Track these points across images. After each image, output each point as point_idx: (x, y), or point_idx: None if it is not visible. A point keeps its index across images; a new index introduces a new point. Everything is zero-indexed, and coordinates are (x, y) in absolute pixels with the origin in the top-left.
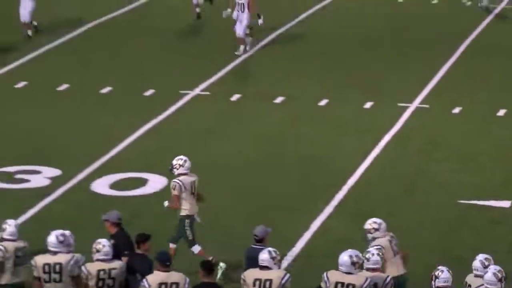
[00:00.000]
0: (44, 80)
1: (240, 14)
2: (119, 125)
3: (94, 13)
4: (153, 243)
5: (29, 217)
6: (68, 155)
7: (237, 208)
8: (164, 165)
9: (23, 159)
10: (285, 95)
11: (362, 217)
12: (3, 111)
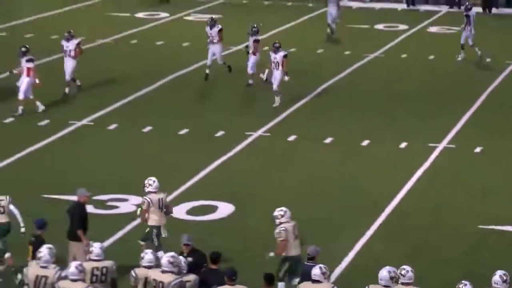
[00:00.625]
0: (131, 123)
1: (275, 71)
2: (194, 160)
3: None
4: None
5: (118, 238)
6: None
7: None
8: (231, 195)
9: (114, 189)
10: (333, 136)
11: (398, 239)
12: (98, 149)
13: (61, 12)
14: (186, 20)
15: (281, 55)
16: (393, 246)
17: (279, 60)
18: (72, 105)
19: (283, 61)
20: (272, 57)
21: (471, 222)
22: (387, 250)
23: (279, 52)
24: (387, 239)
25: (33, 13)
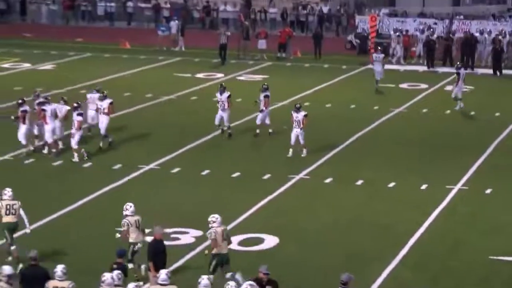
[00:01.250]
0: (191, 167)
1: (297, 128)
2: (244, 199)
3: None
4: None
5: (180, 265)
6: (207, 220)
7: (326, 259)
8: (276, 229)
9: (176, 223)
10: (364, 179)
11: (420, 267)
12: (164, 189)
13: (135, 72)
14: (239, 80)
15: (302, 115)
16: (416, 273)
17: (300, 119)
18: (141, 152)
19: (304, 120)
20: (294, 116)
21: (483, 253)
22: (411, 276)
23: (300, 112)
24: (411, 267)
25: (112, 72)
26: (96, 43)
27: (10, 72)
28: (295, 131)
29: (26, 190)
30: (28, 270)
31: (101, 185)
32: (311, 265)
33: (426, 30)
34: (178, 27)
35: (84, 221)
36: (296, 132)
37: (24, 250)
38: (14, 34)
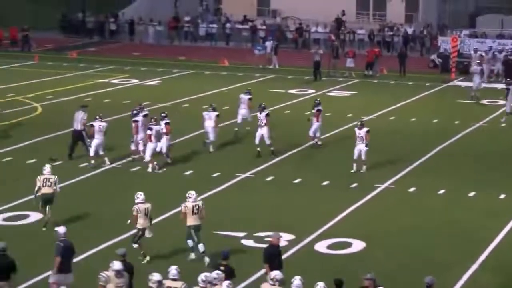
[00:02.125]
0: (286, 175)
1: (360, 144)
2: (334, 206)
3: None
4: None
5: None
6: (299, 225)
7: (411, 262)
8: (363, 234)
9: (269, 227)
10: (445, 188)
11: (499, 272)
12: (259, 196)
13: (233, 87)
14: (328, 95)
15: (365, 131)
16: (495, 278)
17: (363, 135)
18: (238, 161)
19: (366, 135)
20: (357, 133)
21: None
22: (490, 281)
23: (363, 128)
24: (490, 272)
25: (212, 88)
26: (198, 61)
27: (119, 87)
28: (358, 147)
29: (128, 194)
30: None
31: (200, 191)
32: (396, 268)
33: (504, 51)
34: (272, 46)
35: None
36: (359, 148)
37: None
38: (124, 53)
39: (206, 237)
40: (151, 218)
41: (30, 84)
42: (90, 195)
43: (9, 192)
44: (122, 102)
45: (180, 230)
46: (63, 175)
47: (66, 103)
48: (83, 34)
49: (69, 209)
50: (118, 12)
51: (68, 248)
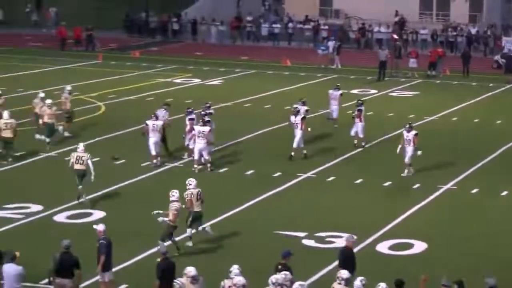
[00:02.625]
0: (347, 175)
1: (408, 147)
2: (394, 207)
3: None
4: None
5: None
6: (361, 225)
7: (473, 263)
8: (425, 235)
9: (330, 227)
10: (508, 190)
11: None
12: (319, 196)
13: (295, 87)
14: (391, 96)
15: (413, 134)
16: None
17: (411, 138)
18: (299, 162)
19: (414, 139)
20: (405, 135)
21: None
22: None
23: (411, 131)
24: None
25: (275, 88)
26: (260, 60)
27: (182, 86)
28: (406, 150)
29: None
30: (163, 263)
31: (261, 191)
32: (458, 269)
33: None
34: (334, 46)
35: (246, 223)
36: (407, 151)
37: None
38: (186, 52)
39: (267, 237)
40: (203, 201)
41: (94, 83)
42: (151, 193)
43: (72, 190)
44: (185, 102)
45: (244, 228)
46: (125, 174)
47: (128, 102)
48: (146, 33)
49: (129, 207)
50: (181, 12)
51: (110, 245)
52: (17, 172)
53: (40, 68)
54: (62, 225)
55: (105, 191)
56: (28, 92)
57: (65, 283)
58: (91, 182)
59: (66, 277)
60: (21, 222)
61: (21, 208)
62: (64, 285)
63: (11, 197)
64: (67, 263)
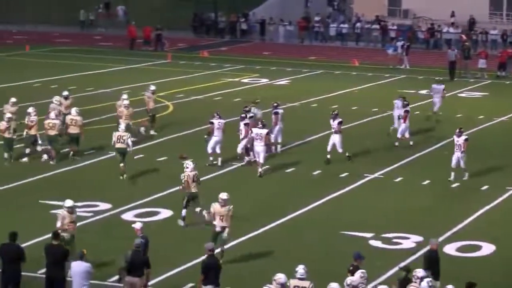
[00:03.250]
0: (413, 176)
1: (457, 152)
2: (462, 208)
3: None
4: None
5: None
6: (428, 226)
7: None
8: (493, 237)
9: (398, 228)
10: None
11: None
12: (386, 197)
13: (362, 88)
14: (459, 96)
15: (463, 139)
16: None
17: (461, 143)
18: (367, 161)
19: (464, 144)
20: (456, 140)
21: None
22: None
23: (461, 136)
24: None
25: (341, 88)
26: (328, 60)
27: (249, 86)
28: (456, 154)
29: (260, 193)
30: (208, 259)
31: (328, 191)
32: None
33: None
34: (403, 46)
35: (312, 223)
36: (457, 156)
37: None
38: (254, 52)
39: (333, 237)
40: (199, 183)
41: (163, 83)
42: (217, 193)
43: (140, 189)
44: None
45: (310, 229)
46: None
47: (196, 102)
48: (215, 33)
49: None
50: (249, 12)
51: (147, 244)
52: (87, 170)
53: (109, 68)
54: (130, 223)
55: (172, 190)
56: (98, 91)
57: (135, 281)
58: (160, 182)
59: (136, 275)
60: (89, 220)
61: (90, 206)
62: (134, 283)
63: (80, 195)
64: (138, 262)
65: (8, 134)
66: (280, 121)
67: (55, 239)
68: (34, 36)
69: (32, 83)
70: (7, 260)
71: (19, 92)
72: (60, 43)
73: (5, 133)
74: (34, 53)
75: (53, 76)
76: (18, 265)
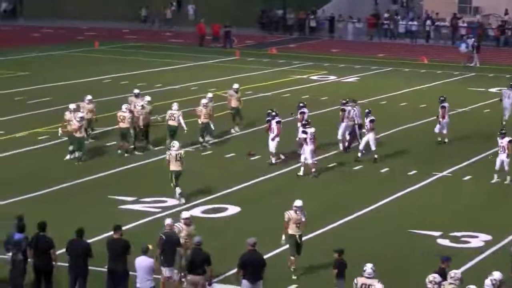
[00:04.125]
0: (481, 175)
1: (501, 154)
2: None
3: None
4: None
5: (468, 267)
6: (497, 225)
7: None
8: None
9: (466, 227)
10: None
11: None
12: (455, 195)
13: (431, 85)
14: (491, 92)
15: (507, 141)
16: None
17: (505, 145)
18: (436, 159)
19: (508, 146)
20: (499, 142)
21: None
22: None
23: (505, 138)
24: None
25: (410, 86)
26: (397, 58)
27: (318, 83)
28: (500, 157)
29: (326, 191)
30: (247, 256)
31: (396, 189)
32: None
33: None
34: (473, 44)
35: (380, 221)
36: (501, 159)
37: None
38: (323, 49)
39: (401, 235)
40: (182, 162)
41: (231, 79)
42: (284, 190)
43: (208, 185)
44: (320, 99)
45: (378, 227)
46: (260, 170)
47: (265, 98)
48: (283, 30)
49: (263, 203)
50: (318, 9)
51: (170, 241)
52: (155, 166)
53: (178, 64)
54: (197, 219)
55: (240, 186)
56: (166, 88)
57: (197, 279)
58: (227, 178)
59: (198, 273)
60: (157, 216)
61: (158, 202)
62: (196, 281)
63: (149, 191)
64: (199, 260)
65: (80, 133)
66: (347, 118)
67: (116, 233)
68: (104, 32)
69: (102, 79)
70: (75, 255)
71: (90, 88)
72: (129, 40)
73: (77, 132)
74: (103, 49)
75: (123, 73)
76: (85, 260)
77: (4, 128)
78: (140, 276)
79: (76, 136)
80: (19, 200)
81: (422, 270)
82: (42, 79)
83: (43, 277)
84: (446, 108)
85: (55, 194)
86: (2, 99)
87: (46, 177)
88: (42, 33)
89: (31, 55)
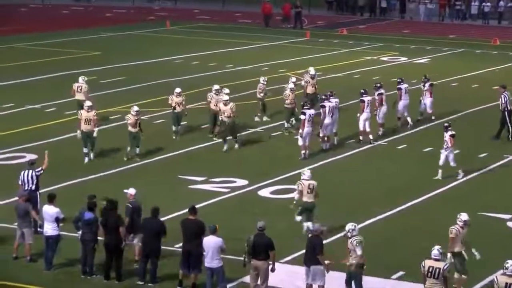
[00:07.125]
0: None
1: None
2: None
3: None
4: None
5: None
6: None
7: None
8: None
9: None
10: None
11: None
12: None
13: (502, 67)
14: None
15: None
16: None
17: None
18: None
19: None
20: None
21: None
22: None
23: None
24: None
25: (482, 67)
26: (469, 39)
27: (388, 64)
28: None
29: (397, 173)
30: (314, 239)
31: (467, 171)
32: None
33: None
34: None
35: (449, 204)
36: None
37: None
38: (393, 30)
39: (471, 218)
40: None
41: (301, 60)
42: (353, 171)
43: (277, 166)
44: (391, 80)
45: (446, 210)
46: (335, 151)
47: (335, 79)
48: (354, 11)
49: (330, 184)
50: None
51: (137, 209)
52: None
53: (248, 45)
54: (266, 200)
55: (308, 167)
56: (237, 68)
57: (259, 264)
58: (296, 159)
59: (261, 258)
60: (226, 196)
61: (227, 182)
62: (258, 266)
63: (219, 171)
64: (261, 244)
65: (134, 128)
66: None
67: (192, 213)
68: (175, 12)
69: (173, 59)
70: (149, 234)
71: (162, 69)
72: (200, 20)
73: (133, 127)
74: (175, 29)
75: (194, 53)
76: (158, 239)
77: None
78: (209, 256)
79: (131, 131)
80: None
81: (491, 252)
82: (114, 59)
83: (113, 255)
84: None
85: (126, 172)
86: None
87: (116, 156)
88: (114, 13)
89: (103, 35)
